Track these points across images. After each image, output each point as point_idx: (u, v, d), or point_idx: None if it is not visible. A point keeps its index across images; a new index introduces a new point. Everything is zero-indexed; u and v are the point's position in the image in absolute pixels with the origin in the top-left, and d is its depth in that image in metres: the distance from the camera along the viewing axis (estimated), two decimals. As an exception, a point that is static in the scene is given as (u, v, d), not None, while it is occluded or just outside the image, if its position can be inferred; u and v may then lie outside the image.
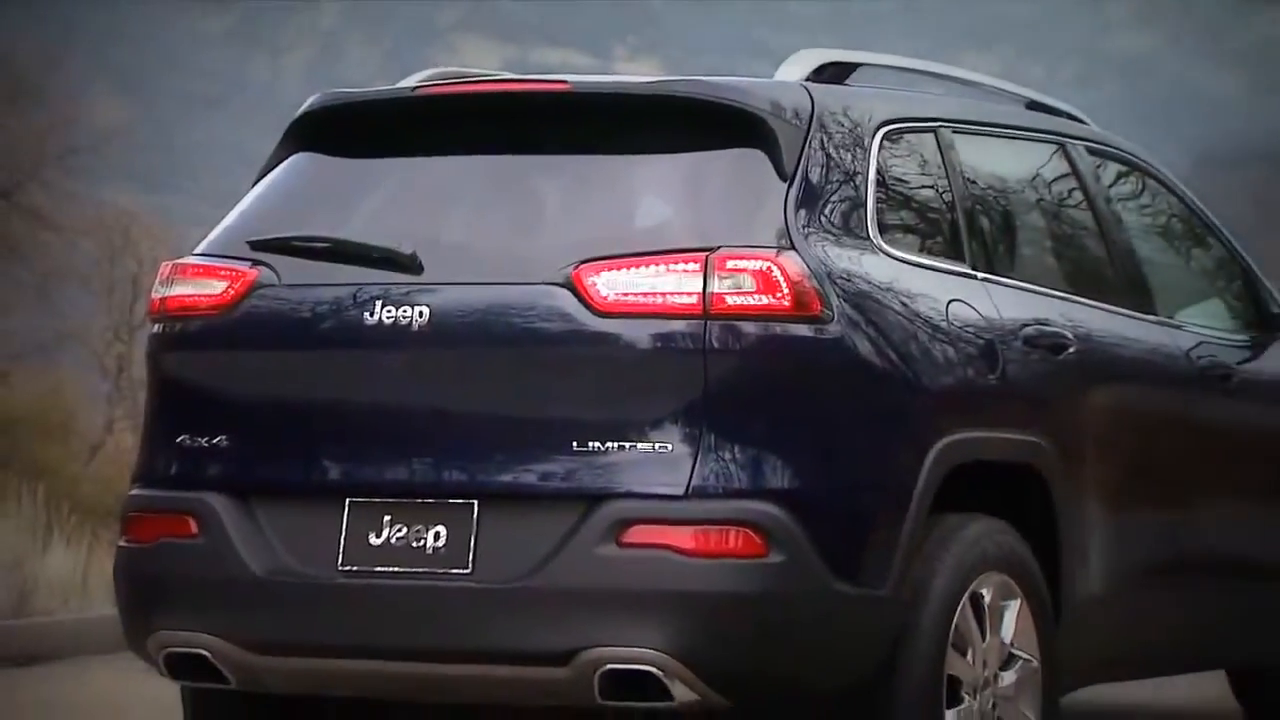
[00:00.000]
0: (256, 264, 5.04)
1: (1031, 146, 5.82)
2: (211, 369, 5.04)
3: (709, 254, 4.73)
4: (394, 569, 4.80)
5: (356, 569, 4.82)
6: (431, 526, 4.80)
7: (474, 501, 4.77)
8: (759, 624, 4.64)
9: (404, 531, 4.81)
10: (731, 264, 4.72)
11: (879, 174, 5.10)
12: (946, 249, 5.26)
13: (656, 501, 4.65)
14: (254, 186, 5.31)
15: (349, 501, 4.86)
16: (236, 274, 5.05)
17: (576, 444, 4.71)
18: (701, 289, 4.71)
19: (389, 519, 4.83)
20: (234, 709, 5.26)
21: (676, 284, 4.72)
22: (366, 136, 5.28)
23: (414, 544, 4.80)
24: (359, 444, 4.87)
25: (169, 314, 5.11)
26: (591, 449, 4.70)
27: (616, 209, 4.97)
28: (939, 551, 4.90)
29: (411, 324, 4.84)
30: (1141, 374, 5.76)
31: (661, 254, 4.75)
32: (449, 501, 4.79)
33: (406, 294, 4.87)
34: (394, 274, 4.90)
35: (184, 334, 5.08)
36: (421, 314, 4.84)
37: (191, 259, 5.15)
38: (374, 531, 4.83)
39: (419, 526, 4.80)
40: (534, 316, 4.78)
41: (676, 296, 4.71)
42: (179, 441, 5.02)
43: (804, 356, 4.73)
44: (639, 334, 4.71)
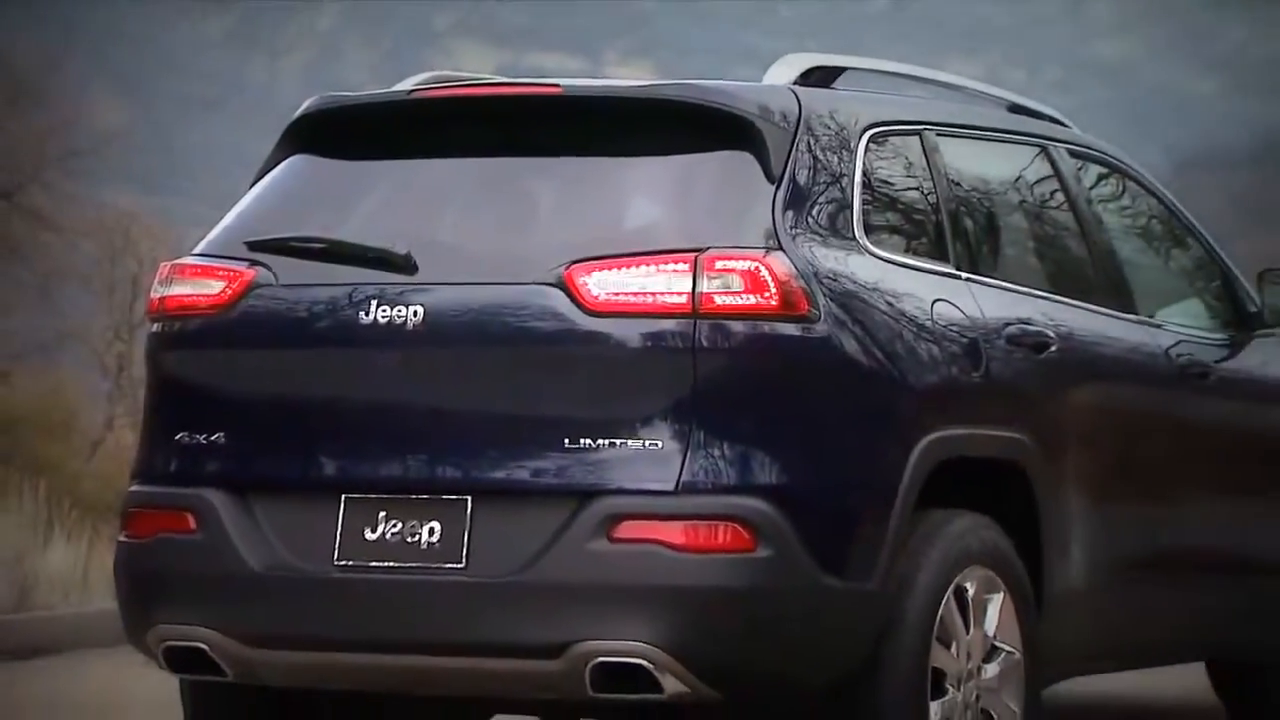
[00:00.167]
0: (254, 264, 5.03)
1: (1014, 149, 5.82)
2: (210, 368, 5.03)
3: (698, 254, 4.73)
4: (389, 564, 4.79)
5: (352, 564, 4.82)
6: (426, 522, 4.79)
7: (468, 497, 4.77)
8: (748, 618, 4.63)
9: (399, 527, 4.81)
10: (720, 264, 4.72)
11: (865, 176, 5.10)
12: (931, 250, 5.26)
13: (647, 497, 4.65)
14: (252, 188, 5.30)
15: (345, 497, 4.85)
16: (234, 274, 5.04)
17: (568, 441, 4.70)
18: (691, 289, 4.70)
19: (384, 514, 4.82)
20: (232, 702, 5.26)
21: (666, 284, 4.71)
22: (362, 139, 5.28)
23: (409, 539, 4.79)
24: (355, 441, 4.86)
25: (168, 313, 5.11)
26: (583, 446, 4.69)
27: (607, 210, 4.97)
28: (924, 546, 4.90)
29: (406, 323, 4.83)
30: (1122, 372, 5.76)
31: (651, 254, 4.74)
32: (443, 497, 4.79)
33: (401, 294, 4.86)
34: (389, 274, 4.90)
35: (183, 333, 5.08)
36: (416, 313, 4.83)
37: (190, 259, 5.15)
38: (369, 527, 4.83)
39: (414, 522, 4.80)
40: (526, 316, 4.77)
41: (666, 296, 4.71)
42: (178, 439, 5.01)
43: (791, 355, 4.73)
44: (629, 333, 4.71)
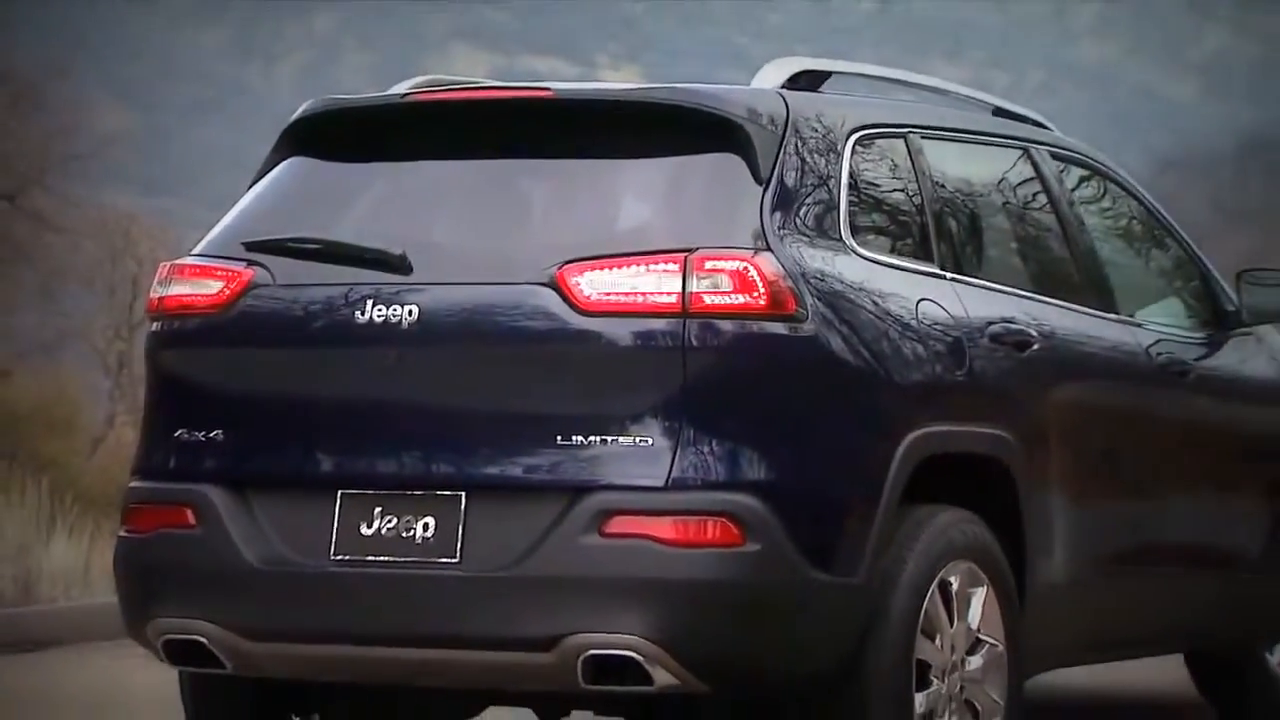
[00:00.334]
0: (252, 264, 5.03)
1: (997, 152, 5.82)
2: (208, 366, 5.03)
3: (688, 255, 4.73)
4: (385, 558, 4.79)
5: (348, 558, 4.81)
6: (421, 517, 4.79)
7: (462, 493, 4.77)
8: (736, 611, 4.63)
9: (394, 522, 4.80)
10: (710, 264, 4.72)
11: (851, 178, 5.10)
12: (916, 250, 5.26)
13: (638, 493, 4.65)
14: (249, 190, 5.30)
15: (341, 493, 4.85)
16: (232, 274, 5.04)
17: (561, 438, 4.70)
18: (681, 288, 4.70)
19: (380, 510, 4.82)
20: (230, 694, 5.26)
21: (657, 284, 4.71)
22: (358, 141, 5.27)
23: (404, 534, 4.79)
24: (351, 438, 4.86)
25: (167, 313, 5.10)
26: (575, 443, 4.69)
27: (599, 211, 4.97)
28: (909, 541, 4.90)
29: (401, 322, 4.83)
30: (1103, 370, 5.77)
31: (642, 255, 4.74)
32: (438, 493, 4.79)
33: (396, 293, 4.86)
34: (384, 274, 4.90)
35: (182, 332, 5.07)
36: (411, 313, 4.83)
37: (189, 260, 5.14)
38: (365, 522, 4.82)
39: (409, 517, 4.79)
40: (519, 315, 4.77)
41: (657, 296, 4.71)
42: (177, 436, 5.01)
43: (779, 353, 4.73)
44: (621, 332, 4.71)
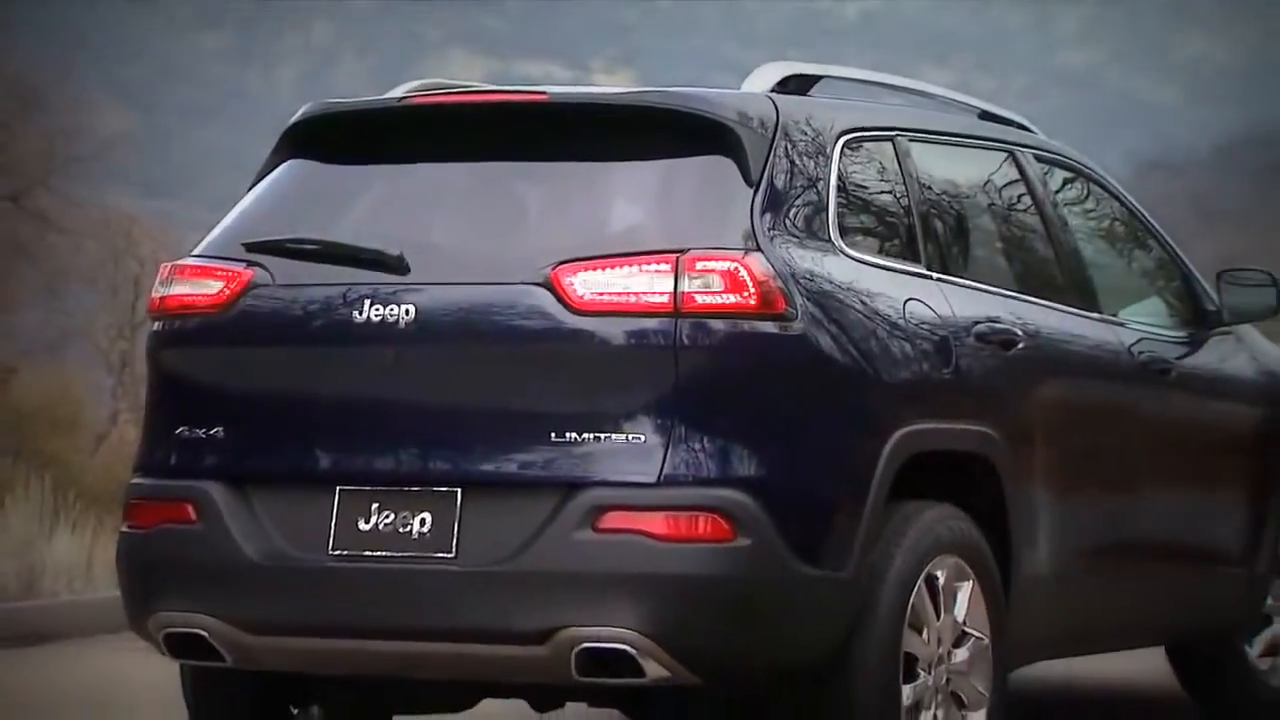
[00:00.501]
0: (251, 265, 5.03)
1: (983, 154, 5.83)
2: (209, 364, 5.02)
3: (679, 255, 4.73)
4: (382, 553, 4.79)
5: (346, 553, 4.81)
6: (417, 513, 4.78)
7: (457, 489, 4.77)
8: (727, 605, 4.63)
9: (391, 518, 4.80)
10: (701, 265, 4.72)
11: (840, 180, 5.10)
12: (903, 251, 5.27)
13: (630, 489, 4.65)
14: (249, 191, 5.29)
15: (339, 490, 4.85)
16: (232, 274, 5.03)
17: (555, 435, 4.70)
18: (673, 288, 4.70)
19: (377, 506, 4.82)
20: (230, 686, 5.25)
21: (649, 284, 4.71)
22: (356, 144, 5.27)
23: (401, 529, 4.79)
24: (349, 435, 4.86)
25: (168, 312, 5.10)
26: (569, 440, 4.69)
27: (592, 213, 4.96)
28: (897, 536, 4.90)
29: (398, 322, 4.83)
30: (1086, 368, 5.77)
31: (635, 255, 4.74)
32: (434, 489, 4.78)
33: (394, 293, 4.86)
34: (382, 274, 4.89)
35: (182, 331, 5.07)
36: (408, 312, 4.83)
37: (189, 260, 5.14)
38: (363, 518, 4.82)
39: (405, 513, 4.79)
40: (514, 315, 4.77)
41: (649, 295, 4.71)
42: (178, 433, 5.01)
43: (769, 352, 4.73)
44: (613, 331, 4.71)
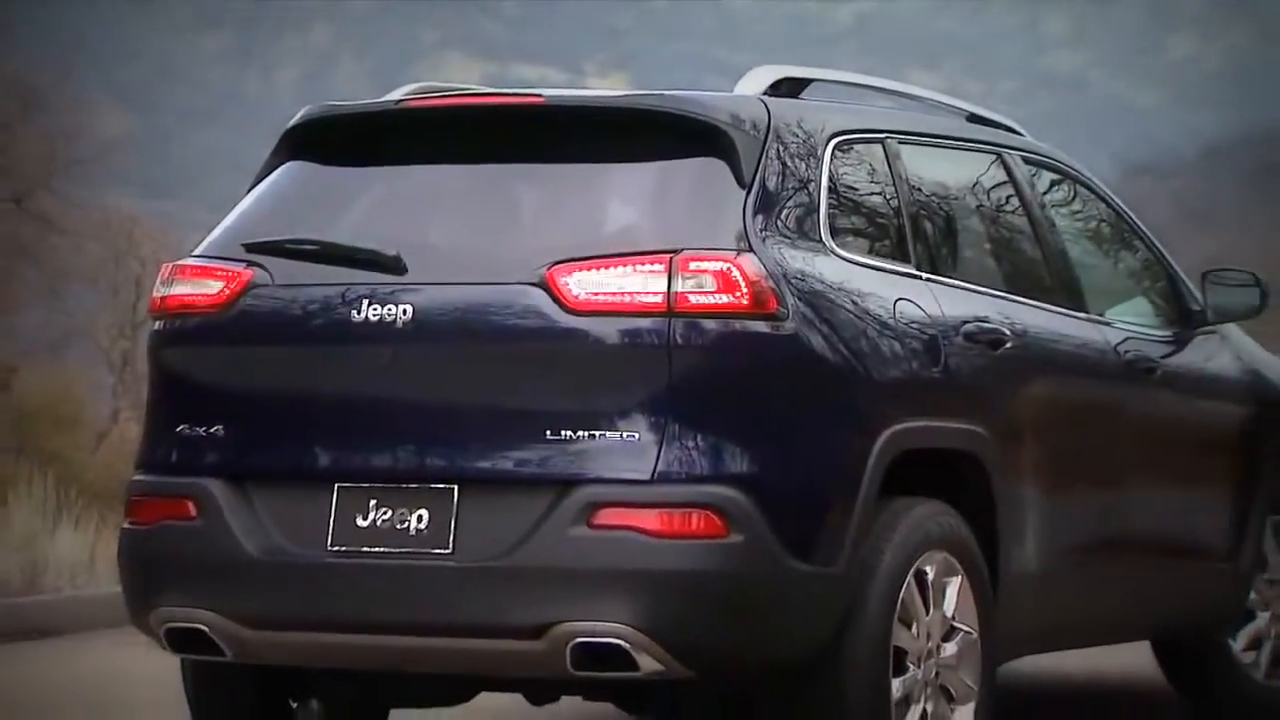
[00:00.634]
0: (251, 265, 5.02)
1: (972, 156, 5.83)
2: (209, 363, 5.02)
3: (673, 256, 4.73)
4: (380, 549, 4.78)
5: (345, 549, 4.81)
6: (415, 509, 4.78)
7: (454, 486, 4.77)
8: (720, 600, 4.63)
9: (389, 514, 4.80)
10: (694, 265, 4.72)
11: (831, 182, 5.11)
12: (893, 251, 5.27)
13: (624, 486, 4.65)
14: (249, 193, 5.29)
15: (338, 486, 4.85)
16: (232, 274, 5.03)
17: (550, 433, 4.70)
18: (666, 288, 4.70)
19: (375, 502, 4.82)
20: (230, 680, 5.25)
21: (643, 284, 4.71)
22: (354, 146, 5.27)
23: (398, 526, 4.79)
24: (347, 433, 4.85)
25: (169, 312, 5.10)
26: (564, 437, 4.69)
27: (587, 214, 4.96)
28: (887, 532, 4.90)
29: (396, 321, 4.83)
30: (1073, 367, 5.78)
31: (629, 256, 4.74)
32: (431, 486, 4.78)
33: (391, 293, 4.85)
34: (379, 274, 4.89)
35: (183, 330, 5.07)
36: (405, 312, 4.83)
37: (190, 260, 5.14)
38: (361, 514, 4.82)
39: (403, 509, 4.79)
40: (510, 314, 4.77)
41: (643, 295, 4.71)
42: (179, 431, 5.00)
43: (761, 351, 4.73)
44: (608, 330, 4.71)
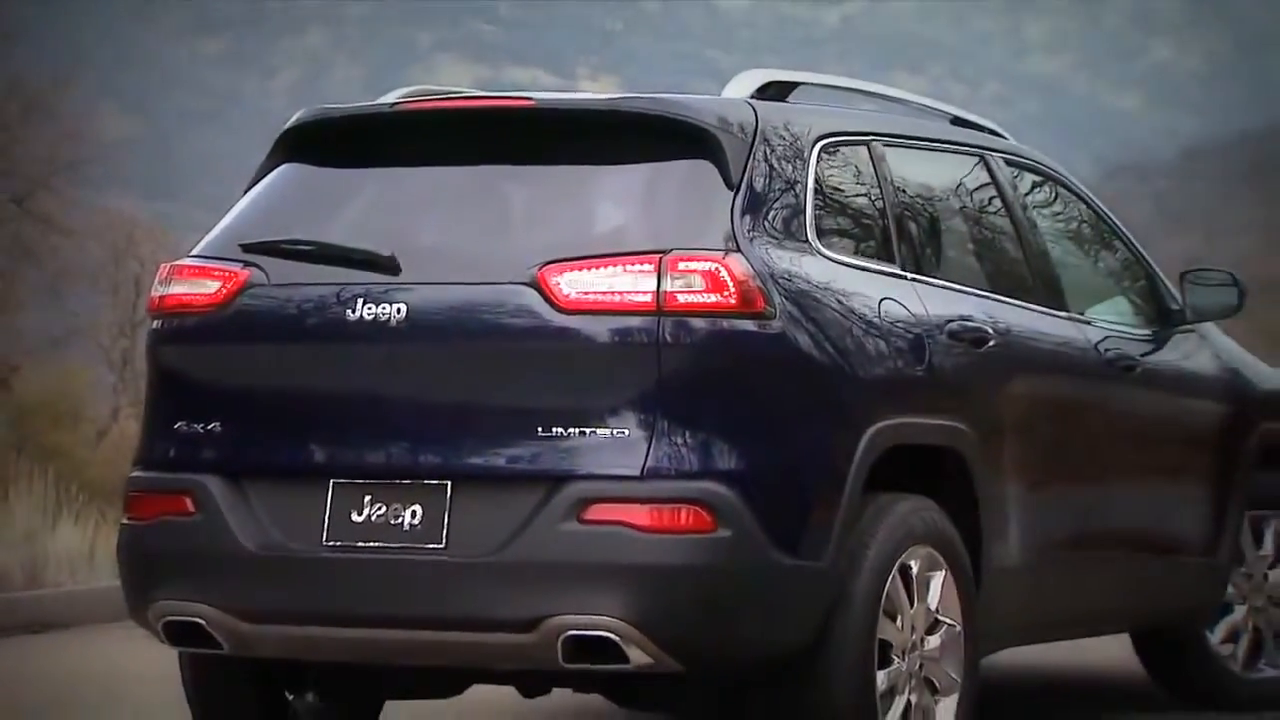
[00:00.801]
0: (247, 265, 5.02)
1: (955, 159, 5.83)
2: (206, 362, 5.01)
3: (662, 256, 4.73)
4: (374, 544, 4.78)
5: (340, 544, 4.80)
6: (409, 505, 4.78)
7: (447, 482, 4.76)
8: (708, 594, 4.63)
9: (383, 510, 4.79)
10: (683, 265, 4.72)
11: (817, 183, 5.11)
12: (878, 251, 5.27)
13: (614, 482, 4.64)
14: (245, 194, 5.29)
15: (333, 482, 4.84)
16: (229, 274, 5.02)
17: (541, 430, 4.70)
18: (655, 288, 4.70)
19: (369, 498, 4.81)
20: (227, 673, 5.24)
21: (633, 283, 4.71)
22: (349, 148, 5.26)
23: (392, 521, 4.78)
24: (342, 430, 4.85)
25: (167, 311, 5.09)
26: (555, 434, 4.69)
27: (577, 215, 4.96)
28: (872, 527, 4.90)
29: (390, 320, 4.82)
30: (1054, 365, 5.78)
31: (619, 256, 4.74)
32: (425, 482, 4.78)
33: (385, 293, 4.85)
34: (374, 274, 4.89)
35: (181, 329, 5.06)
36: (399, 311, 4.82)
37: (188, 260, 5.13)
38: (356, 510, 4.81)
39: (397, 505, 4.78)
40: (502, 313, 4.77)
41: (633, 295, 4.70)
42: (177, 428, 5.00)
43: (749, 350, 4.73)
44: (598, 329, 4.70)
